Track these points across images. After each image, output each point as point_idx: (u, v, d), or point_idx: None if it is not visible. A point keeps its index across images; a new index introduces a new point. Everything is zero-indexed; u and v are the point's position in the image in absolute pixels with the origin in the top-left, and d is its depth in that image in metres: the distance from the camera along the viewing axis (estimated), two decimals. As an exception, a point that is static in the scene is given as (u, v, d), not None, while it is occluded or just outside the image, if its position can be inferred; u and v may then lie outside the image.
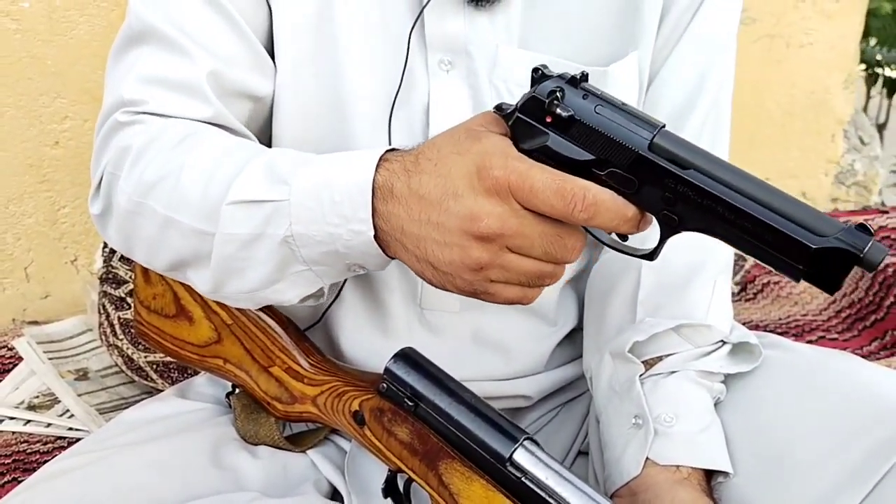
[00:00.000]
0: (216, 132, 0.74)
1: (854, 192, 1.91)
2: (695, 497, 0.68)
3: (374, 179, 0.62)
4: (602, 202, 0.58)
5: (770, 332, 1.44)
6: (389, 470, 0.74)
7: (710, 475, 0.73)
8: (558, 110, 0.60)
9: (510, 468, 0.66)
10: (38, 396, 1.37)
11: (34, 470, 1.17)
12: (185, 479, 0.76)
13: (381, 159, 0.63)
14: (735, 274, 1.44)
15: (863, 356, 1.40)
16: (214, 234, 0.68)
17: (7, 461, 1.24)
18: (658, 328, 0.77)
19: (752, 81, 1.76)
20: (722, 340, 0.79)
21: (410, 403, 0.71)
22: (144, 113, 0.74)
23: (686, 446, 0.72)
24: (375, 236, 0.63)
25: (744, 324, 1.46)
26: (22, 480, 1.15)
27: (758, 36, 1.75)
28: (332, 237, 0.64)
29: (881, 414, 0.69)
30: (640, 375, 0.76)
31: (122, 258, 1.30)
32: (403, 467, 0.73)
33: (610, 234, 0.63)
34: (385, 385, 0.73)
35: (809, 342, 1.45)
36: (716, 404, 0.77)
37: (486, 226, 0.58)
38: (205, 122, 0.74)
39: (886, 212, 1.83)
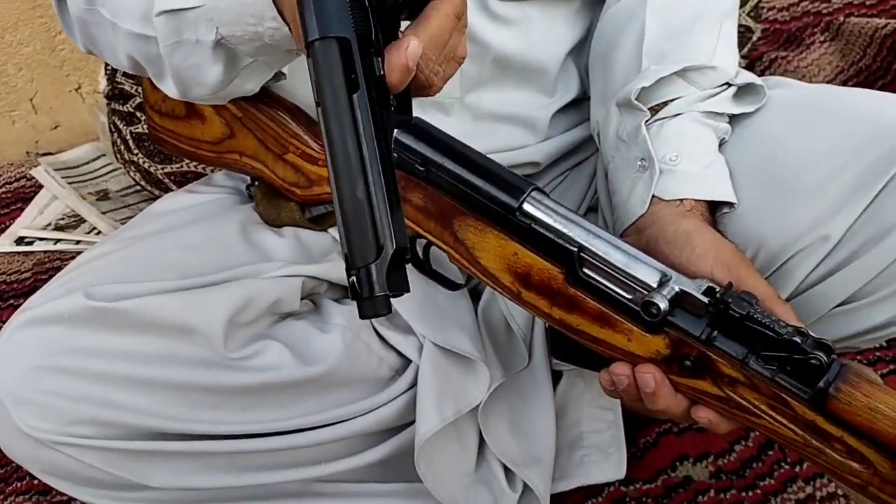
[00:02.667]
0: None
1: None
2: (697, 225, 0.71)
3: None
4: None
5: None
6: (408, 236, 0.78)
7: (714, 207, 0.76)
8: None
9: (520, 217, 0.69)
10: (63, 218, 1.42)
11: (71, 283, 1.25)
12: (216, 255, 0.81)
13: None
14: (741, 48, 1.43)
15: (868, 123, 1.41)
16: (155, 37, 0.69)
17: (44, 277, 1.31)
18: (663, 73, 0.77)
19: None
20: (727, 83, 0.80)
21: (421, 169, 0.74)
22: None
23: (689, 181, 0.74)
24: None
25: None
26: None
27: None
28: (257, 35, 0.64)
29: (879, 133, 0.71)
30: (646, 121, 0.77)
31: (127, 73, 1.30)
32: (420, 231, 0.76)
33: None
34: (396, 155, 0.75)
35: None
36: (721, 144, 0.79)
37: None
38: None
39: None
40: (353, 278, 0.48)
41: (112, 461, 0.76)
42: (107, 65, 1.36)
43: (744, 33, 1.42)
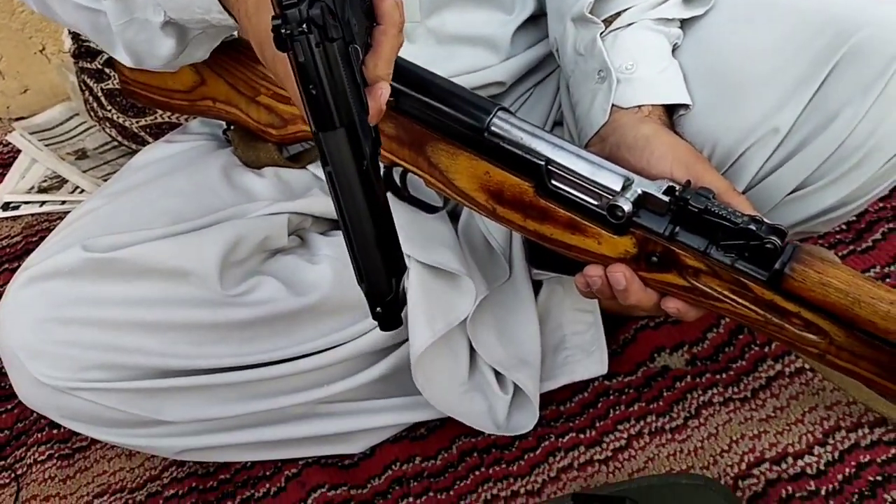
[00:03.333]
0: None
1: None
2: (656, 129, 0.75)
3: None
4: None
5: None
6: (384, 165, 0.82)
7: (671, 110, 0.79)
8: None
9: (488, 137, 0.73)
10: (45, 181, 1.44)
11: (62, 242, 1.29)
12: (202, 200, 0.84)
13: None
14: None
15: None
16: (101, 10, 0.70)
17: (34, 239, 1.34)
18: None
19: None
20: None
21: (391, 99, 0.77)
22: None
23: (645, 87, 0.78)
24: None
25: None
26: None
27: None
28: (206, 21, 0.67)
29: (820, 26, 0.74)
30: (601, 33, 0.80)
31: (90, 30, 1.31)
32: (395, 159, 0.79)
33: None
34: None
35: None
36: (674, 49, 0.82)
37: None
38: None
39: None
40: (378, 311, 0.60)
41: (127, 401, 0.81)
42: (69, 23, 1.36)
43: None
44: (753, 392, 0.92)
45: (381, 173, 0.79)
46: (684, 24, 0.83)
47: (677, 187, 0.69)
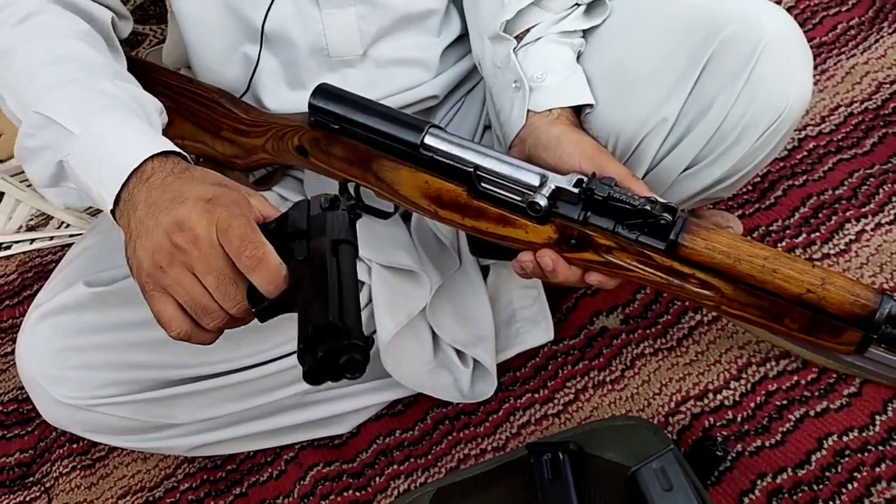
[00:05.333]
0: (54, 25, 0.81)
1: None
2: (565, 130, 0.86)
3: (143, 164, 0.71)
4: (266, 262, 0.65)
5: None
6: (339, 182, 0.94)
7: (578, 110, 0.91)
8: None
9: (423, 151, 0.84)
10: (32, 219, 1.54)
11: (55, 275, 1.39)
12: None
13: (163, 153, 0.72)
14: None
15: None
16: (24, 127, 0.78)
17: (30, 275, 1.44)
18: (522, 4, 0.90)
19: None
20: (576, 3, 0.93)
21: (336, 126, 0.88)
22: None
23: (554, 93, 0.89)
24: (115, 205, 0.72)
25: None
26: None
27: None
28: (88, 187, 0.74)
29: (694, 23, 0.85)
30: (514, 49, 0.91)
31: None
32: (347, 177, 0.90)
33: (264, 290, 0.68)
34: (313, 118, 0.90)
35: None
36: (579, 56, 0.94)
37: (183, 237, 0.66)
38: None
39: None
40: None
41: (139, 410, 0.93)
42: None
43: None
44: (678, 341, 1.06)
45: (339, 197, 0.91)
46: (585, 33, 0.94)
47: (585, 179, 0.80)
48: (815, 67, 1.31)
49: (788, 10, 1.42)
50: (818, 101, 1.31)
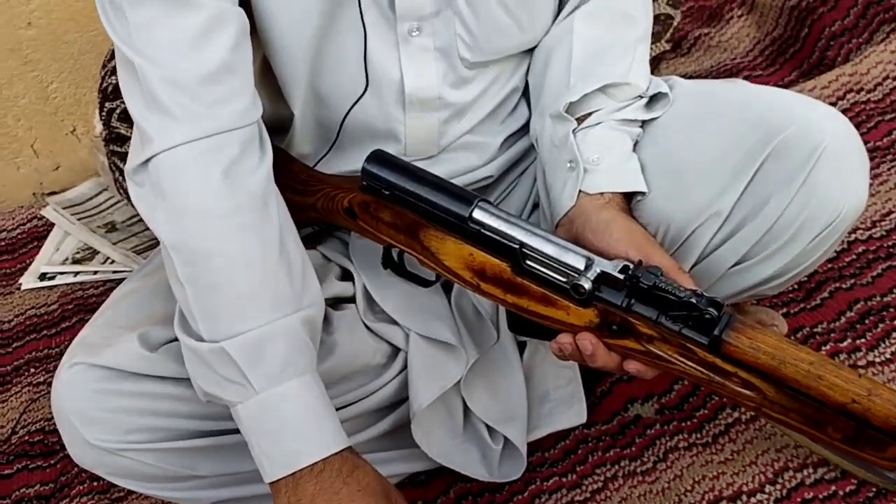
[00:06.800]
0: (258, 232, 0.84)
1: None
2: (614, 215, 0.87)
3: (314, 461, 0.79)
4: None
5: (705, 79, 1.61)
6: (384, 247, 0.94)
7: (629, 196, 0.91)
8: None
9: (471, 224, 0.85)
10: (78, 252, 1.58)
11: (94, 310, 1.39)
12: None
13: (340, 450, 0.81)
14: (664, 34, 1.58)
15: (785, 86, 1.58)
16: (201, 336, 0.82)
17: (70, 307, 1.47)
18: (587, 89, 0.93)
19: None
20: (640, 95, 0.95)
21: (387, 192, 0.89)
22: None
23: (608, 177, 0.90)
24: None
25: (680, 76, 1.63)
26: (86, 320, 1.38)
27: None
28: (249, 441, 0.82)
29: (754, 122, 0.86)
30: (574, 130, 0.92)
31: (121, 118, 1.45)
32: (393, 242, 0.91)
33: None
34: (365, 182, 0.91)
35: (738, 83, 1.61)
36: (636, 144, 0.95)
37: None
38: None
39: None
40: None
41: (166, 459, 0.92)
42: (101, 110, 1.50)
43: (665, 20, 1.56)
44: (714, 437, 1.04)
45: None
46: (644, 123, 0.95)
47: (631, 266, 0.80)
48: (870, 172, 1.30)
49: (844, 112, 1.42)
50: (870, 204, 1.30)
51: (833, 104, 1.44)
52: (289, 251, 0.86)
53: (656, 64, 1.62)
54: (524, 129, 1.06)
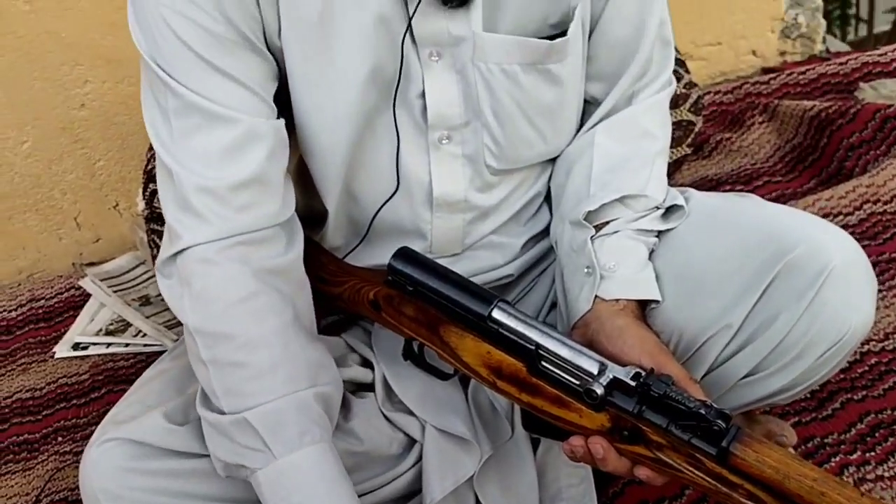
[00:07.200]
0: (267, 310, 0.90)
1: (800, 44, 2.07)
2: (629, 322, 0.90)
3: None
4: None
5: (725, 182, 1.66)
6: (405, 339, 0.98)
7: (643, 305, 0.95)
8: None
9: (490, 323, 0.88)
10: (112, 324, 1.63)
11: (124, 381, 1.47)
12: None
13: None
14: (685, 139, 1.63)
15: (803, 193, 1.62)
16: (222, 410, 0.88)
17: (100, 377, 1.51)
18: (606, 199, 0.97)
19: (693, -41, 1.90)
20: (656, 206, 1.00)
21: (411, 288, 0.93)
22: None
23: (624, 284, 0.94)
24: None
25: (701, 179, 1.69)
26: (115, 391, 1.44)
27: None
28: None
29: (765, 239, 0.90)
30: (591, 237, 0.97)
31: (162, 200, 1.51)
32: (414, 336, 0.95)
33: None
34: (391, 277, 0.95)
35: (757, 187, 1.66)
36: (651, 254, 0.98)
37: None
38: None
39: (828, 59, 2.00)
40: None
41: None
42: (144, 190, 1.58)
43: (686, 126, 1.62)
44: (723, 545, 1.04)
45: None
46: (660, 233, 0.99)
47: (643, 374, 0.82)
48: (883, 283, 1.33)
49: (860, 222, 1.45)
50: (883, 316, 1.32)
51: (850, 214, 1.48)
52: (306, 331, 0.93)
53: (678, 167, 1.67)
54: (545, 230, 1.10)
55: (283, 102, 0.95)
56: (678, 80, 1.60)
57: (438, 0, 0.90)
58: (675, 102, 1.60)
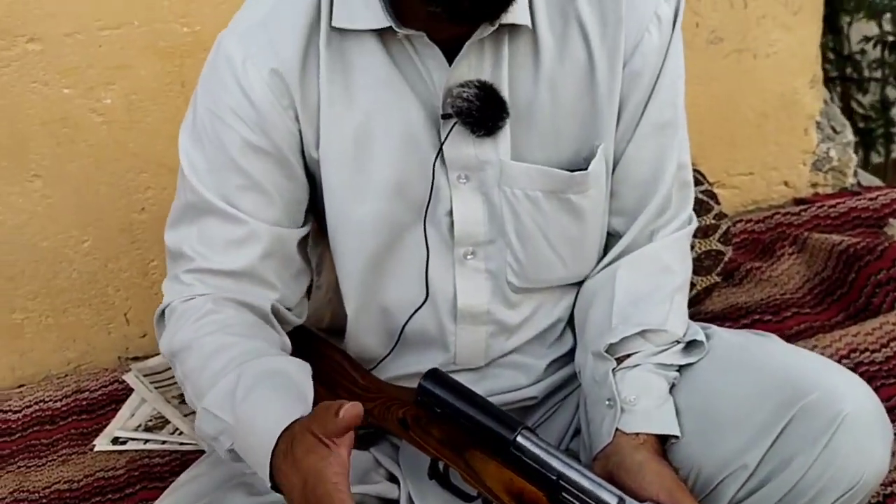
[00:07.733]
0: (226, 322, 1.00)
1: (831, 177, 2.12)
2: (648, 457, 0.93)
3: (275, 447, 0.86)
4: None
5: (754, 311, 1.69)
6: (431, 458, 1.01)
7: (663, 439, 0.97)
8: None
9: (513, 450, 0.92)
10: (151, 420, 1.67)
11: (158, 479, 1.50)
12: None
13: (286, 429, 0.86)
14: (714, 268, 1.68)
15: (831, 326, 1.63)
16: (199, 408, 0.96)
17: (136, 473, 1.54)
18: (627, 332, 1.01)
19: (727, 91, 1.98)
20: (677, 341, 1.03)
21: (439, 410, 0.98)
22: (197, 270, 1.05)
23: (644, 419, 0.97)
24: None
25: (731, 307, 1.71)
26: (150, 488, 1.47)
27: (727, 52, 1.97)
28: (254, 465, 0.89)
29: (780, 382, 0.93)
30: (613, 369, 1.00)
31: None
32: (440, 456, 0.98)
33: None
34: (420, 398, 1.00)
35: (786, 318, 1.68)
36: (672, 387, 1.02)
37: None
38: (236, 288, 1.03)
39: (859, 193, 2.05)
40: None
41: None
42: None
43: (716, 255, 1.66)
44: None
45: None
46: (681, 367, 1.03)
47: None
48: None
49: (887, 359, 1.47)
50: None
51: (877, 351, 1.49)
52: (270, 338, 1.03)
53: (708, 294, 1.71)
54: (569, 355, 1.14)
55: (319, 211, 1.05)
56: (708, 211, 1.66)
57: (467, 129, 0.98)
58: (706, 233, 1.65)
